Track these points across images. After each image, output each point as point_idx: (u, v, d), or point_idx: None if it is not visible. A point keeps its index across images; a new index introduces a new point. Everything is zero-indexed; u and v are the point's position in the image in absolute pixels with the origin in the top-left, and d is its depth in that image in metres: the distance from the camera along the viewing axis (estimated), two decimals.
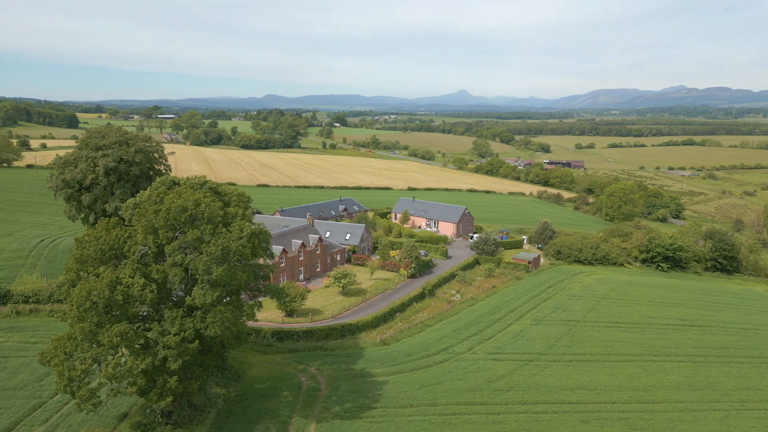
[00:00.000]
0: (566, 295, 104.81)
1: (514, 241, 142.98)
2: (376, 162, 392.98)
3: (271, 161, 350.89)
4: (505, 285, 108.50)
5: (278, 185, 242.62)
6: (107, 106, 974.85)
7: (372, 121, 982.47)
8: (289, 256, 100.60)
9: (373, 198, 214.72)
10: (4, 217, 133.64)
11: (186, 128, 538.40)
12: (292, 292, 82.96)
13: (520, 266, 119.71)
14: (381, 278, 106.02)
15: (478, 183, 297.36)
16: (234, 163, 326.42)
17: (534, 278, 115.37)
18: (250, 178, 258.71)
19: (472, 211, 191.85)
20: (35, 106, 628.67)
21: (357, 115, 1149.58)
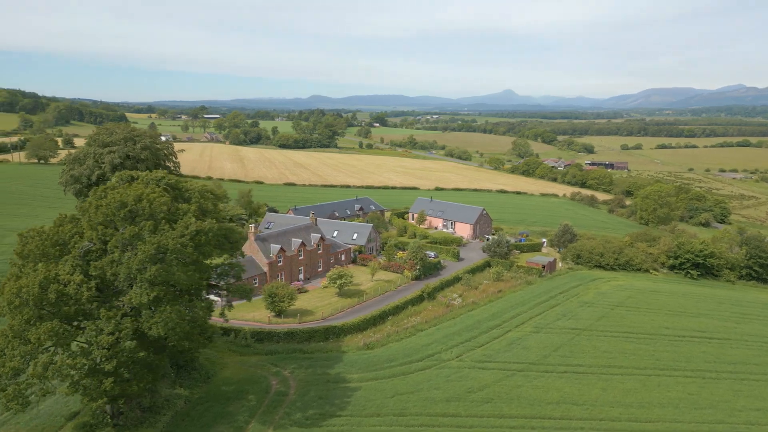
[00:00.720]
0: (577, 302, 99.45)
1: (532, 243, 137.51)
2: (411, 162, 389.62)
3: (305, 160, 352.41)
4: (513, 290, 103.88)
5: (305, 184, 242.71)
6: (159, 107, 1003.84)
7: (413, 121, 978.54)
8: (288, 255, 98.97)
9: (397, 198, 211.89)
10: (27, 212, 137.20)
11: (228, 128, 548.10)
12: (280, 292, 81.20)
13: (533, 270, 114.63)
14: (383, 279, 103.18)
15: (511, 184, 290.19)
16: (268, 161, 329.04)
17: (546, 283, 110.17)
18: (279, 177, 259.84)
19: (498, 212, 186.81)
20: (89, 107, 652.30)
21: (399, 115, 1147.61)
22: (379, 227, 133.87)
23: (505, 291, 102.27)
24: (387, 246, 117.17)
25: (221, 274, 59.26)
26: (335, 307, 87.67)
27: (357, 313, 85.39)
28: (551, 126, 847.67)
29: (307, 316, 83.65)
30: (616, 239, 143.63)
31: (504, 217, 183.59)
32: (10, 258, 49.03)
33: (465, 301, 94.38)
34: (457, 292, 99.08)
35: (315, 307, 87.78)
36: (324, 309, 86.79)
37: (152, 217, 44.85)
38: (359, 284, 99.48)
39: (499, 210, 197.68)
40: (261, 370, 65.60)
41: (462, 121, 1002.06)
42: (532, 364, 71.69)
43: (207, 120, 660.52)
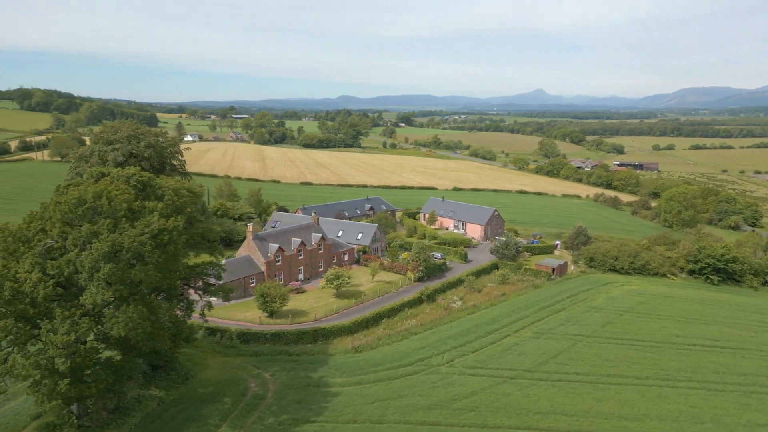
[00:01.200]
0: (584, 307, 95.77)
1: (545, 245, 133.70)
2: (433, 162, 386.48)
3: (327, 160, 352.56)
4: (519, 293, 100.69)
5: (322, 183, 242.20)
6: (191, 107, 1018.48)
7: (440, 120, 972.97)
8: (287, 254, 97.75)
9: (414, 198, 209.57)
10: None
11: (254, 128, 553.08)
12: (272, 292, 79.94)
13: (541, 273, 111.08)
14: (384, 280, 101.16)
15: (533, 184, 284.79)
16: (289, 161, 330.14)
17: (555, 287, 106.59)
18: (298, 176, 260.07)
19: (515, 213, 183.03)
20: (122, 107, 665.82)
21: (427, 115, 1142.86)
22: (387, 227, 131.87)
23: (509, 294, 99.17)
24: (391, 246, 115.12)
25: (200, 274, 58.14)
26: (330, 309, 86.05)
27: (352, 314, 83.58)
28: (581, 126, 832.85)
29: (300, 317, 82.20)
30: (633, 242, 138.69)
31: (521, 218, 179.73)
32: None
33: (465, 304, 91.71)
34: (459, 295, 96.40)
35: (310, 308, 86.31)
36: (318, 310, 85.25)
37: (112, 215, 43.77)
38: (359, 285, 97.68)
39: (516, 211, 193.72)
40: (242, 372, 64.29)
41: (490, 121, 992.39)
42: (526, 371, 68.76)
43: (234, 120, 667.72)
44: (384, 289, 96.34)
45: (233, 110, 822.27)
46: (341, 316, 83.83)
